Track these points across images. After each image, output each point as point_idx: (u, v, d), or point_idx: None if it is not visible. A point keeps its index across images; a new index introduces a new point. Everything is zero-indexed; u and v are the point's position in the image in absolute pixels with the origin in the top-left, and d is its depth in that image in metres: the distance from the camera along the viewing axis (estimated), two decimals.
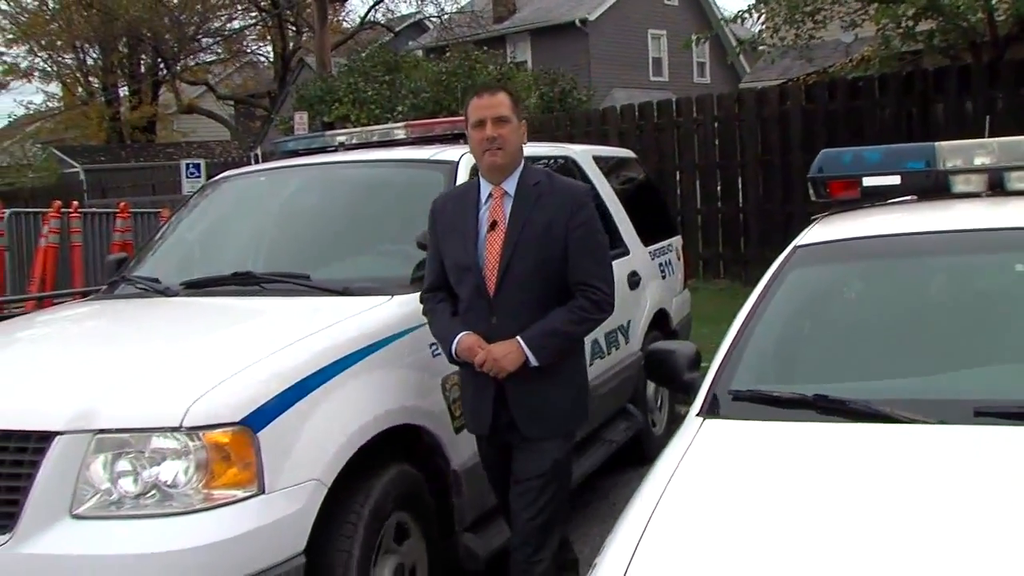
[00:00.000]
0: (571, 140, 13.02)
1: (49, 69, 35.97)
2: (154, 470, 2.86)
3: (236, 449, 2.89)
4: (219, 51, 33.40)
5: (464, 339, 3.37)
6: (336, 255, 4.37)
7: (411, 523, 3.56)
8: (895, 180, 3.86)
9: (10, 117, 45.99)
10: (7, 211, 9.99)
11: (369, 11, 27.14)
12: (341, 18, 30.59)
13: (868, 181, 3.89)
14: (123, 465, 2.87)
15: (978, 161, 3.83)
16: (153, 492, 2.85)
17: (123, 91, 35.35)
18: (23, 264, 10.05)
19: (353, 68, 18.29)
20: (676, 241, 7.15)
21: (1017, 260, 3.24)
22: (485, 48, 20.47)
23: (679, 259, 7.10)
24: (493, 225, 3.40)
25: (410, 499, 3.51)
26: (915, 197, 4.00)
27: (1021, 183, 3.69)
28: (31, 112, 39.81)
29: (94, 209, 11.77)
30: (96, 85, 35.85)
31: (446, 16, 28.05)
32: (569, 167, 5.82)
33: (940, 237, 3.34)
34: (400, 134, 5.34)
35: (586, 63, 31.03)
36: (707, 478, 2.46)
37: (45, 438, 2.87)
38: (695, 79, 33.81)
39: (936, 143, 3.87)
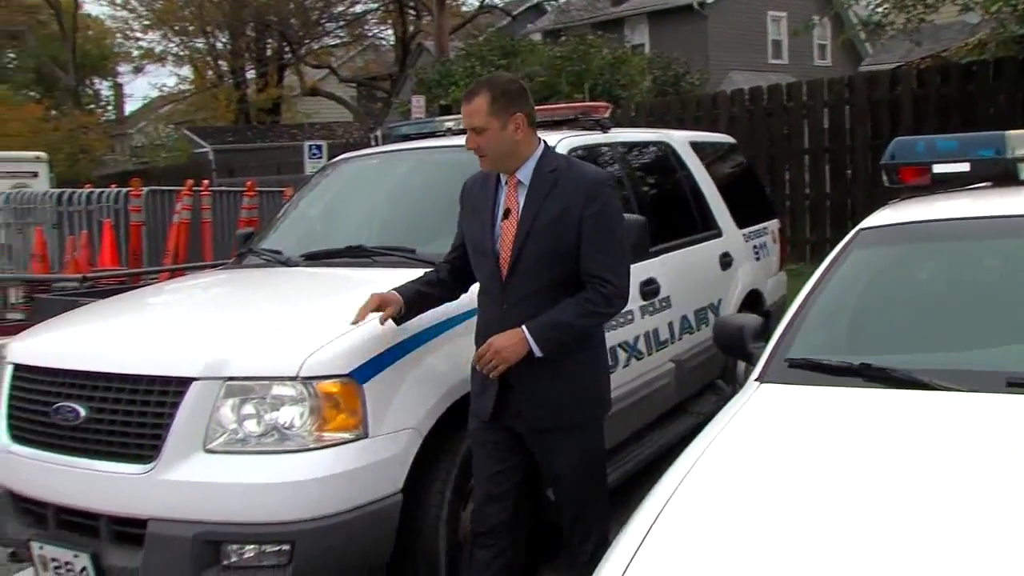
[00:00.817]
0: (682, 124, 13.22)
1: (181, 53, 37.56)
2: (274, 414, 3.30)
3: (344, 398, 3.31)
4: (342, 35, 34.32)
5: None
6: (440, 231, 4.73)
7: None
8: (964, 167, 4.05)
9: (144, 99, 48.22)
10: (144, 189, 10.70)
11: None
12: (460, 2, 31.15)
13: (938, 168, 4.09)
14: (248, 409, 3.32)
15: None
16: (273, 432, 3.30)
17: (250, 74, 36.65)
18: (158, 238, 10.77)
19: (470, 52, 18.73)
20: (772, 225, 7.35)
21: None
22: (599, 32, 20.66)
23: (775, 242, 7.30)
24: (507, 213, 3.36)
25: None
26: (990, 184, 4.18)
27: None
28: (164, 94, 41.70)
29: (223, 188, 12.46)
30: (225, 68, 37.23)
31: (555, 4, 28.32)
32: (666, 152, 6.10)
33: (995, 222, 3.54)
34: None
35: (704, 46, 30.91)
36: (749, 438, 2.75)
37: (184, 383, 3.34)
38: (815, 61, 33.28)
39: (1007, 132, 4.06)
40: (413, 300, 3.53)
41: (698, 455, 2.62)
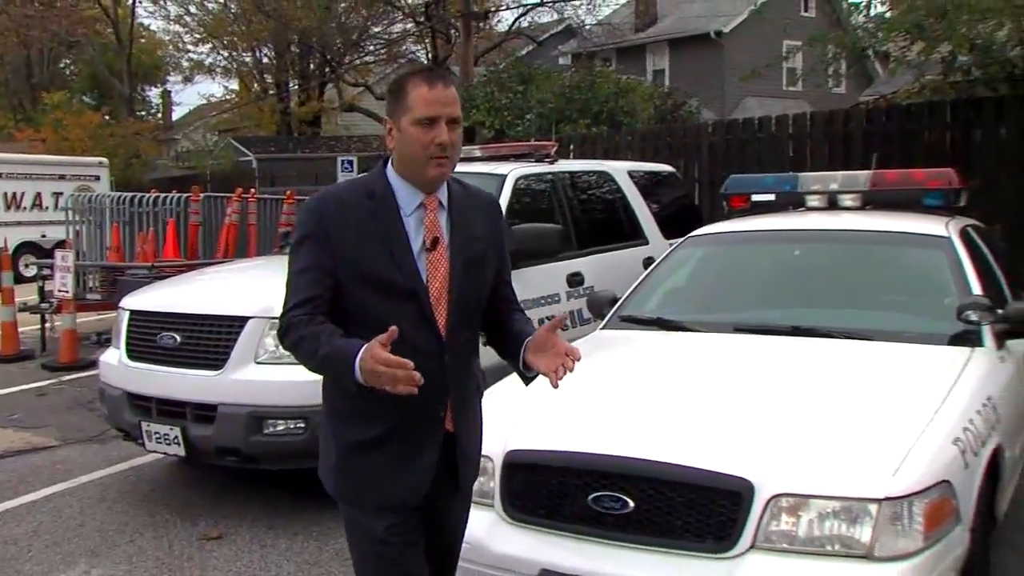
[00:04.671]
0: (670, 150, 15.13)
1: (229, 66, 39.85)
2: None
3: None
4: (381, 53, 36.34)
5: (374, 350, 2.36)
6: None
7: None
8: (771, 197, 5.96)
9: (191, 108, 50.69)
10: (202, 195, 12.74)
11: (514, 23, 29.58)
12: (493, 24, 33.06)
13: (755, 198, 6.01)
14: None
15: (831, 187, 5.88)
16: None
17: (292, 87, 38.78)
18: (211, 236, 12.78)
19: (491, 78, 20.64)
20: None
21: (818, 249, 5.29)
22: (607, 62, 22.41)
23: None
24: (435, 242, 2.66)
25: None
26: (803, 208, 6.05)
27: (848, 202, 5.74)
28: (210, 103, 44.12)
29: (266, 195, 14.45)
30: (269, 81, 39.40)
31: (586, 28, 30.24)
32: (604, 178, 8.01)
33: (771, 233, 5.45)
34: (477, 153, 7.64)
35: (720, 72, 32.72)
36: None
37: (244, 320, 5.32)
38: (830, 88, 34.85)
39: (800, 173, 5.97)
40: None
41: None
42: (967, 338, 4.37)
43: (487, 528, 3.44)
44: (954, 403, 3.64)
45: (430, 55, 30.49)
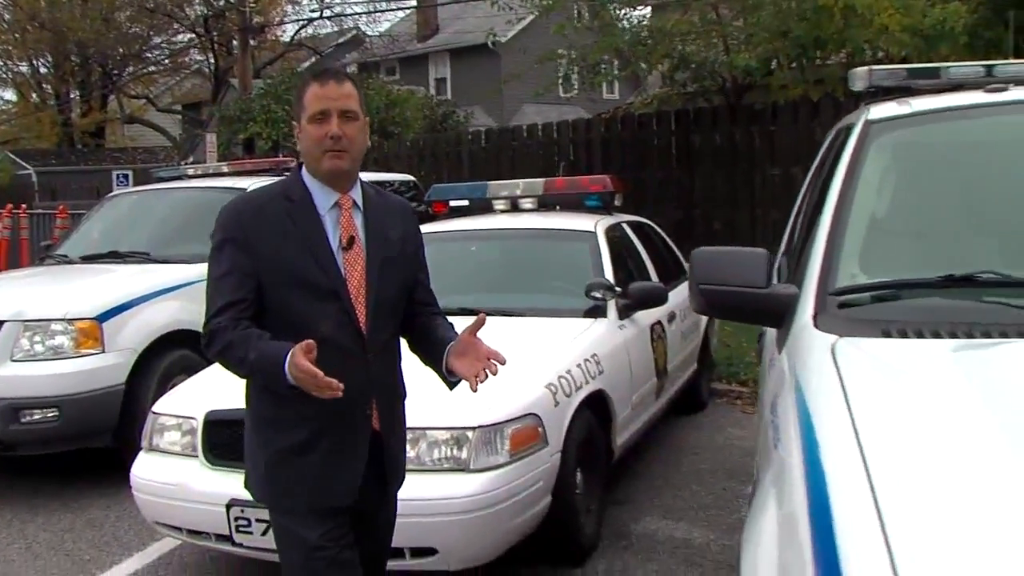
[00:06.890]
0: (434, 159, 16.31)
1: (4, 76, 38.61)
2: (52, 340, 6.01)
3: (91, 331, 6.05)
4: (165, 63, 36.06)
5: (296, 357, 2.48)
6: (169, 242, 7.48)
7: None
8: (466, 203, 7.10)
9: None
10: None
11: (295, 35, 30.20)
12: (278, 35, 33.44)
13: (452, 203, 7.14)
14: (37, 338, 6.03)
15: (516, 192, 7.07)
16: (52, 350, 6.01)
17: (74, 97, 37.92)
18: None
19: (268, 91, 21.26)
20: None
21: (494, 244, 6.45)
22: (391, 72, 23.34)
23: None
24: (351, 241, 2.76)
25: (190, 368, 6.66)
26: (501, 211, 7.21)
27: (527, 205, 6.95)
28: None
29: (40, 210, 14.75)
30: (49, 91, 38.38)
31: (368, 39, 31.16)
32: None
33: (458, 232, 6.58)
34: (225, 169, 8.52)
35: (498, 80, 34.11)
36: None
37: None
38: (604, 95, 36.95)
39: (489, 182, 7.14)
40: None
41: None
42: (597, 311, 5.61)
43: (192, 473, 4.38)
44: (557, 358, 4.85)
45: (210, 68, 30.70)
